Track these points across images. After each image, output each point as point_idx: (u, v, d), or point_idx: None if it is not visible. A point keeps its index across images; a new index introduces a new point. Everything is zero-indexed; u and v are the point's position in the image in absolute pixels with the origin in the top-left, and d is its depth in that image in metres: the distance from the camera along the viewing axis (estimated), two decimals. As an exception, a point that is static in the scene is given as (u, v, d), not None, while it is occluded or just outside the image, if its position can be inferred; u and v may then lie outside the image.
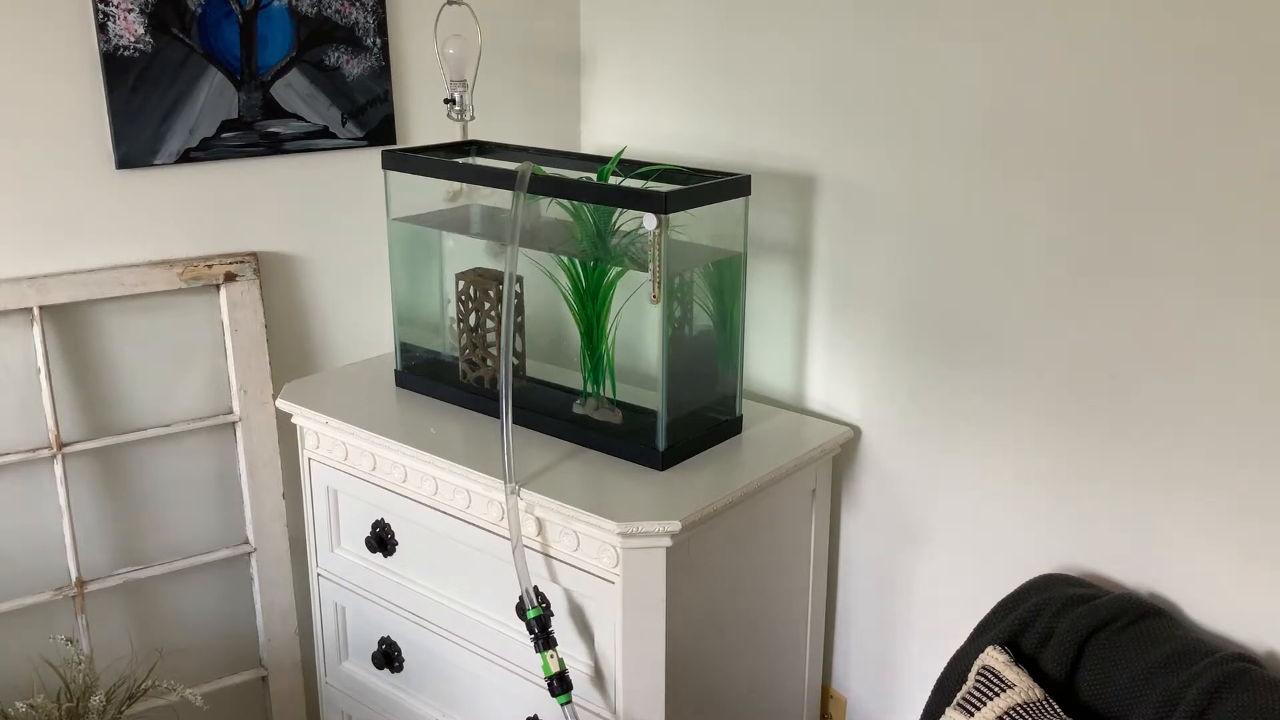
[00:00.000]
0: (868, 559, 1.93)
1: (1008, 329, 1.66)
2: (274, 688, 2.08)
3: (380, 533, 1.85)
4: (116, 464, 1.93)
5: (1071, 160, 1.54)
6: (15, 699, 1.78)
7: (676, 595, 1.56)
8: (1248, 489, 1.43)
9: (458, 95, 1.92)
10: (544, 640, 1.57)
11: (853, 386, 1.89)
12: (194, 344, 1.96)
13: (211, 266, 1.91)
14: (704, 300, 1.73)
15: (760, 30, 1.91)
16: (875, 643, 1.95)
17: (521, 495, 1.59)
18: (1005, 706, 1.40)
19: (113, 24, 1.77)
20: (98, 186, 1.82)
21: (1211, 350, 1.44)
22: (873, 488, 1.90)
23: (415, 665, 1.89)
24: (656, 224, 1.55)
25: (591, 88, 2.26)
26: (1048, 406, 1.63)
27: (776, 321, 1.98)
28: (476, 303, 1.85)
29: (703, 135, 2.04)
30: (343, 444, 1.84)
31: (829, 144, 1.85)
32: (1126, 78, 1.47)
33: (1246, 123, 1.36)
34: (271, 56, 1.92)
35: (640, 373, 1.79)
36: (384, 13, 2.01)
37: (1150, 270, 1.49)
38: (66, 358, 1.85)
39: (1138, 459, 1.54)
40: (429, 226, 1.96)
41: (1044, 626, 1.48)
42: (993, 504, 1.73)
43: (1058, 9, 1.52)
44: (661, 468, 1.66)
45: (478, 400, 1.86)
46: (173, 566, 1.97)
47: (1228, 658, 1.35)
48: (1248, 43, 1.35)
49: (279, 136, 1.96)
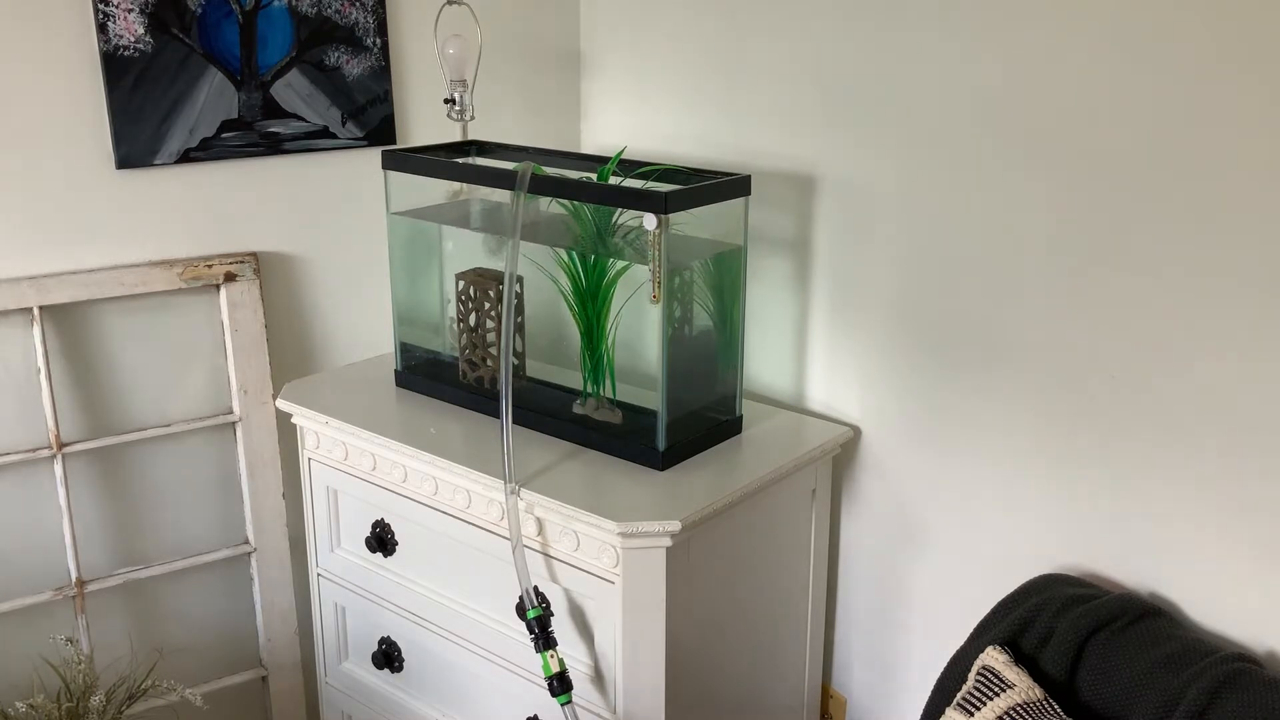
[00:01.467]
0: (868, 559, 1.93)
1: (1008, 328, 1.66)
2: (274, 688, 2.08)
3: (380, 533, 1.85)
4: (116, 464, 1.93)
5: (1071, 159, 1.54)
6: (15, 699, 1.78)
7: (676, 595, 1.56)
8: (1248, 488, 1.43)
9: (458, 95, 1.92)
10: (544, 640, 1.57)
11: (853, 386, 1.89)
12: (194, 344, 1.96)
13: (211, 266, 1.91)
14: (704, 300, 1.73)
15: (760, 30, 1.91)
16: (875, 643, 1.95)
17: (521, 495, 1.59)
18: (1005, 706, 1.40)
19: (113, 24, 1.77)
20: (98, 186, 1.82)
21: (1211, 350, 1.44)
22: (873, 488, 1.90)
23: (415, 665, 1.89)
24: (656, 224, 1.55)
25: (591, 88, 2.26)
26: (1048, 406, 1.63)
27: (776, 321, 1.98)
28: (476, 303, 1.85)
29: (703, 135, 2.04)
30: (343, 444, 1.84)
31: (829, 144, 1.85)
32: (1126, 77, 1.47)
33: (1247, 121, 1.36)
34: (271, 56, 1.92)
35: (640, 373, 1.79)
36: (384, 13, 2.01)
37: (1150, 269, 1.49)
38: (66, 358, 1.85)
39: (1138, 458, 1.54)
40: (429, 220, 1.95)
41: (1044, 626, 1.48)
42: (993, 504, 1.73)
43: (1058, 8, 1.52)
44: (661, 468, 1.66)
45: (478, 400, 1.86)
46: (173, 566, 1.97)
47: (1228, 658, 1.35)
48: (1248, 41, 1.35)
49: (279, 136, 1.96)
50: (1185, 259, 1.45)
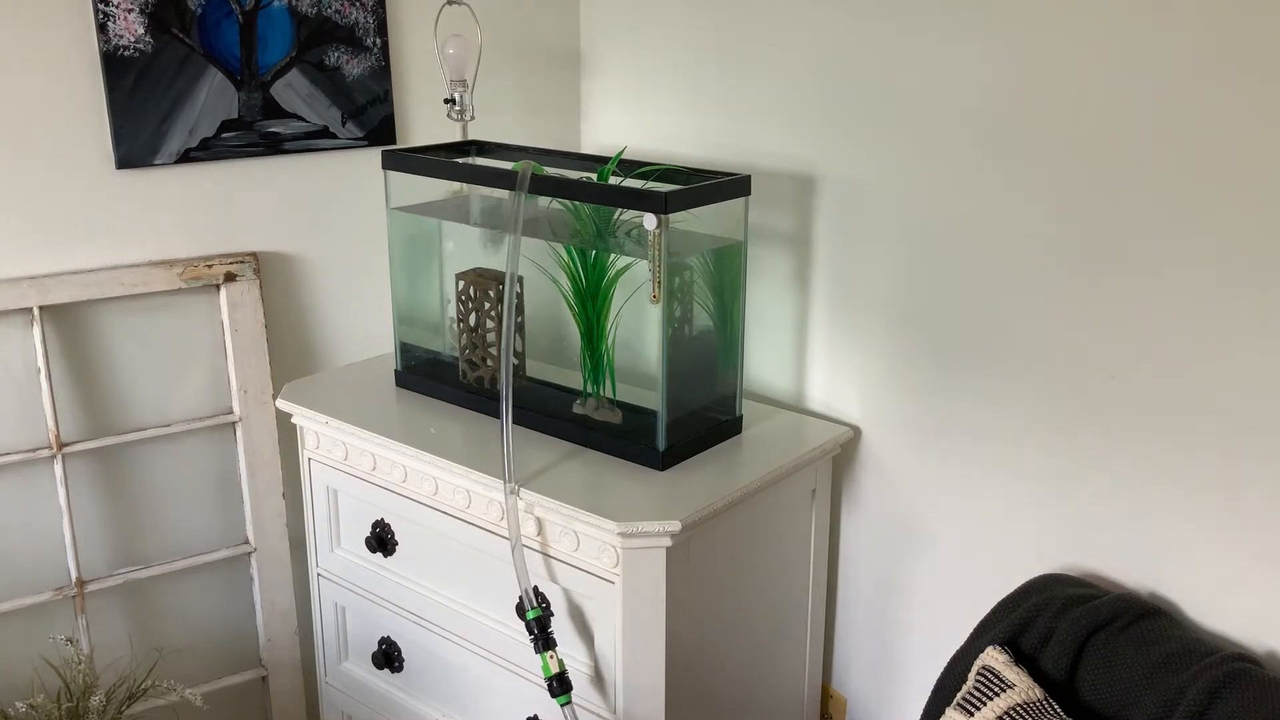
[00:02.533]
0: (868, 559, 1.93)
1: (1008, 328, 1.66)
2: (274, 688, 2.08)
3: (380, 533, 1.85)
4: (116, 464, 1.93)
5: (1071, 160, 1.54)
6: (15, 699, 1.78)
7: (676, 595, 1.56)
8: (1248, 488, 1.43)
9: (458, 95, 1.92)
10: (543, 641, 1.57)
11: (853, 386, 1.89)
12: (194, 344, 1.96)
13: (211, 266, 1.91)
14: (704, 300, 1.73)
15: (760, 30, 1.91)
16: (875, 643, 1.95)
17: (521, 495, 1.59)
18: (1005, 706, 1.40)
19: (113, 24, 1.77)
20: (98, 186, 1.82)
21: (1211, 350, 1.44)
22: (873, 488, 1.90)
23: (415, 665, 1.89)
24: (656, 224, 1.55)
25: (591, 88, 2.26)
26: (1048, 406, 1.63)
27: (776, 321, 1.98)
28: (476, 303, 1.85)
29: (703, 135, 2.04)
30: (343, 444, 1.84)
31: (829, 144, 1.85)
32: (1126, 78, 1.47)
33: (1247, 122, 1.36)
34: (271, 56, 1.92)
35: (640, 373, 1.79)
36: (384, 13, 2.01)
37: (1150, 270, 1.49)
38: (66, 358, 1.85)
39: (1138, 458, 1.54)
40: (428, 215, 1.95)
41: (1044, 626, 1.48)
42: (993, 504, 1.73)
43: (1058, 8, 1.52)
44: (661, 468, 1.66)
45: (478, 400, 1.86)
46: (173, 566, 1.97)
47: (1228, 658, 1.35)
48: (1248, 42, 1.35)
49: (279, 136, 1.96)
50: (1185, 260, 1.45)
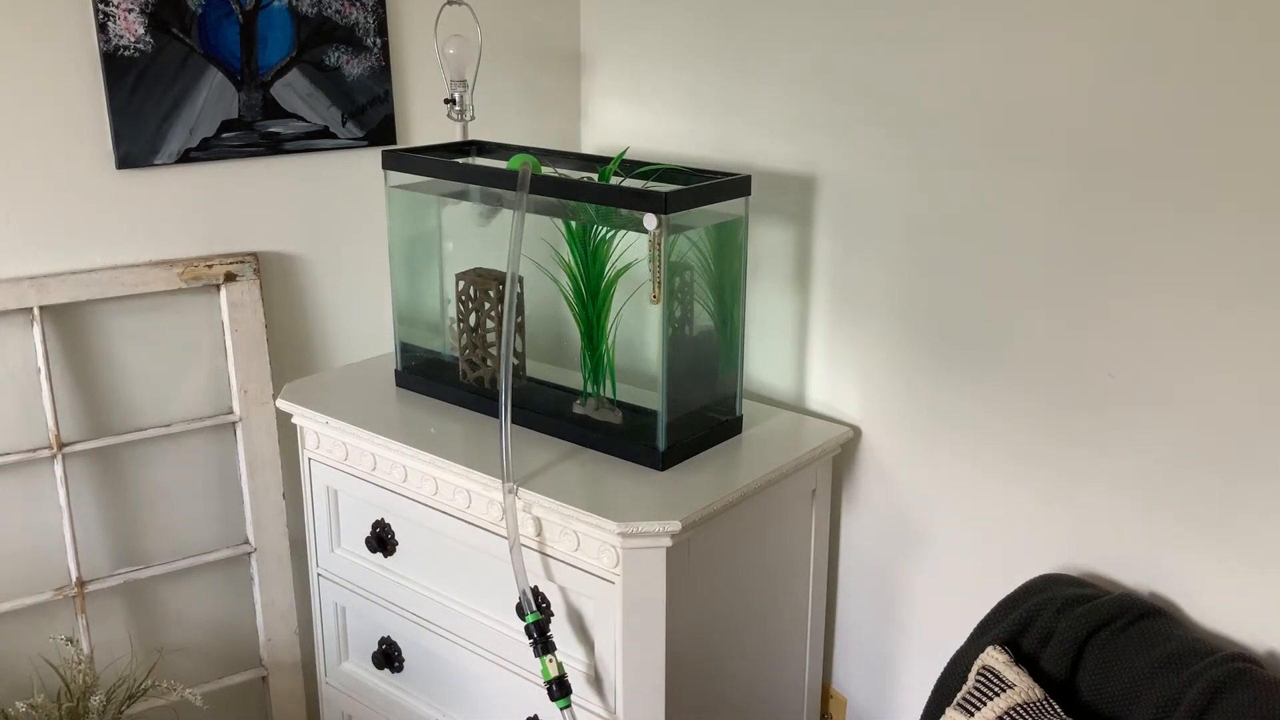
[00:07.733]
0: (868, 559, 1.93)
1: (1008, 328, 1.66)
2: (274, 688, 2.08)
3: (380, 533, 1.85)
4: (116, 464, 1.93)
5: (1071, 161, 1.54)
6: (15, 699, 1.78)
7: (676, 595, 1.56)
8: (1247, 489, 1.43)
9: (458, 95, 1.92)
10: (543, 645, 1.57)
11: (853, 386, 1.89)
12: (194, 344, 1.96)
13: (211, 266, 1.91)
14: (704, 300, 1.73)
15: (760, 30, 1.91)
16: (875, 643, 1.95)
17: (521, 495, 1.59)
18: (1005, 706, 1.40)
19: (113, 24, 1.77)
20: (98, 186, 1.82)
21: (1211, 350, 1.44)
22: (873, 488, 1.90)
23: (415, 665, 1.89)
24: (657, 224, 1.55)
25: (591, 88, 2.26)
26: (1048, 406, 1.63)
27: (776, 321, 1.98)
28: (476, 303, 1.85)
29: (703, 135, 2.04)
30: (343, 444, 1.84)
31: (829, 144, 1.85)
32: (1126, 79, 1.47)
33: (1247, 123, 1.36)
34: (272, 56, 1.92)
35: (640, 373, 1.79)
36: (384, 13, 2.01)
37: (1150, 271, 1.49)
38: (66, 358, 1.85)
39: (1137, 458, 1.54)
40: (428, 194, 1.94)
41: (1044, 626, 1.48)
42: (993, 503, 1.73)
43: (1059, 10, 1.52)
44: (662, 468, 1.65)
45: (478, 400, 1.86)
46: (173, 566, 1.97)
47: (1228, 658, 1.35)
48: (1248, 43, 1.35)
49: (279, 136, 1.96)
50: (1185, 260, 1.45)
